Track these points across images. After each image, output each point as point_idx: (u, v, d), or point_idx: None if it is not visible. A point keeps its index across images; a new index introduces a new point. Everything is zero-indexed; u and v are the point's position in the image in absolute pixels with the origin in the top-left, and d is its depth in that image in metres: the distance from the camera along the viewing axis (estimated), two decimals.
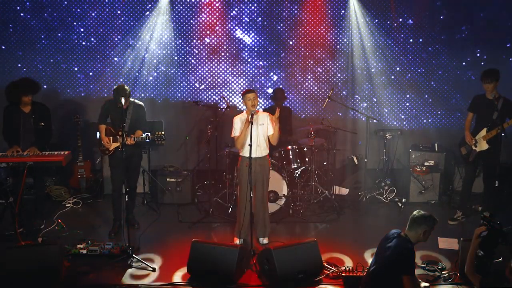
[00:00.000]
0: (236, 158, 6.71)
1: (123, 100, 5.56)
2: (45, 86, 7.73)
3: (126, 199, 5.52)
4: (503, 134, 5.82)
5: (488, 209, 6.20)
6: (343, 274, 4.94)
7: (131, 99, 5.92)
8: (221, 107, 7.31)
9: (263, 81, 8.08)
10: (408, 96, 8.08)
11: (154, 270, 5.18)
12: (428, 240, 4.12)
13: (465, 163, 6.49)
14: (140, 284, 4.95)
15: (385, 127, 7.97)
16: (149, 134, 5.75)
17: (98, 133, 6.13)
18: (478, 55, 7.82)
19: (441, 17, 7.83)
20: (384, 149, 7.55)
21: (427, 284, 4.69)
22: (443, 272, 5.07)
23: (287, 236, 6.13)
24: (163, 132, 5.70)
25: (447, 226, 6.33)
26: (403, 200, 7.11)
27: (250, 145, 5.35)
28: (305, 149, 7.00)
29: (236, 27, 7.87)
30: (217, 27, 7.83)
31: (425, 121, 8.17)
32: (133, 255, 5.34)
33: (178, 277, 5.07)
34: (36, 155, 5.71)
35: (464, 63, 7.87)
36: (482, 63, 7.70)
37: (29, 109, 5.91)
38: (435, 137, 8.06)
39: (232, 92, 8.09)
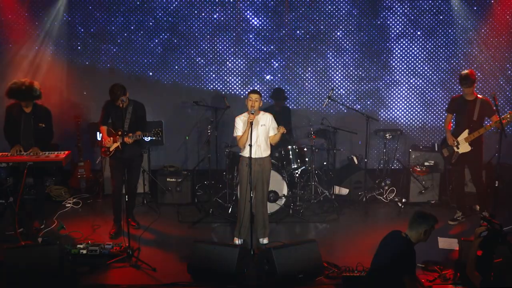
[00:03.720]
0: (236, 158, 6.72)
1: (123, 100, 5.56)
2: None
3: (126, 199, 5.52)
4: (502, 134, 5.82)
5: (485, 209, 6.22)
6: (343, 274, 4.94)
7: (131, 99, 5.91)
8: (222, 107, 7.30)
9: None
10: (409, 99, 8.10)
11: (154, 270, 5.18)
12: (428, 240, 4.12)
13: (449, 165, 6.51)
14: (140, 284, 4.95)
15: (385, 127, 7.97)
16: (146, 133, 5.74)
17: (98, 133, 6.12)
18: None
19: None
20: (384, 149, 7.56)
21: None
22: (443, 272, 5.07)
23: (287, 236, 6.12)
24: (160, 129, 5.69)
25: (447, 226, 6.33)
26: (403, 200, 7.11)
27: (250, 145, 5.36)
28: (305, 149, 7.00)
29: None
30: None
31: (425, 121, 8.17)
32: (133, 255, 5.34)
33: (178, 277, 5.06)
34: (36, 155, 5.71)
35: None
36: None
37: (30, 109, 5.91)
38: (435, 137, 8.07)
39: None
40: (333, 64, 8.02)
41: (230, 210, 6.70)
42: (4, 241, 5.64)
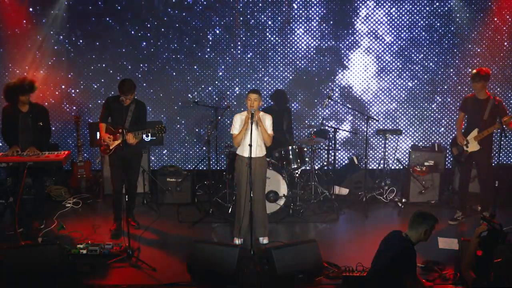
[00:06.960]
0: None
1: (124, 98, 5.55)
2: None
3: (126, 199, 5.52)
4: (502, 134, 5.82)
5: (486, 209, 6.22)
6: (343, 274, 4.94)
7: (134, 98, 5.89)
8: (222, 106, 7.31)
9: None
10: (408, 101, 8.06)
11: (154, 270, 5.18)
12: (428, 240, 4.13)
13: (458, 164, 6.51)
14: (140, 284, 4.95)
15: (385, 127, 7.96)
16: (150, 129, 5.72)
17: (98, 132, 6.10)
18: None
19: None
20: (384, 149, 7.56)
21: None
22: (443, 272, 5.07)
23: (287, 236, 6.13)
24: (163, 125, 5.67)
25: (447, 226, 6.33)
26: (403, 200, 7.11)
27: (250, 145, 5.34)
28: (305, 149, 7.00)
29: None
30: None
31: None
32: (133, 255, 5.34)
33: (178, 277, 5.06)
34: (36, 155, 5.70)
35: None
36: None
37: (26, 109, 5.89)
38: (435, 137, 8.07)
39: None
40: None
41: (230, 210, 6.70)
42: (4, 241, 5.64)
